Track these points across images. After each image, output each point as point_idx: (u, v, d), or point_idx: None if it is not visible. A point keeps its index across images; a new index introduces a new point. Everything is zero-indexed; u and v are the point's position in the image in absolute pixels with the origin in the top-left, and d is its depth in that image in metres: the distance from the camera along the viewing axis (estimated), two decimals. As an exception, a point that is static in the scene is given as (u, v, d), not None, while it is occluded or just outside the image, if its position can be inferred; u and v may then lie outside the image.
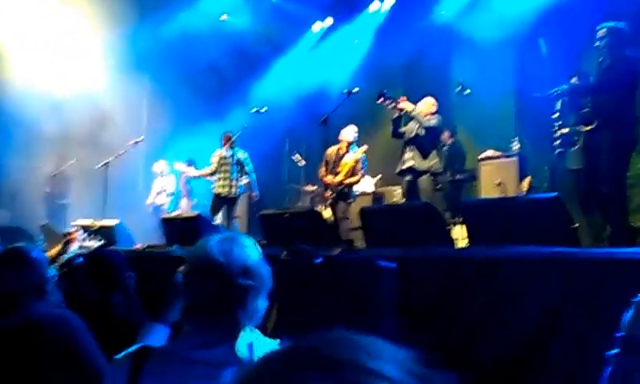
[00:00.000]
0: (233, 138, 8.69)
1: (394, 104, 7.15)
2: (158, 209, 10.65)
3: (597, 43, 5.43)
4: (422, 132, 7.09)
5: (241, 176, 8.86)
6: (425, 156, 7.12)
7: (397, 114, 7.23)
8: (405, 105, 7.14)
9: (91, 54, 10.94)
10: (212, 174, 8.96)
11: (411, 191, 7.15)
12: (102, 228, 6.83)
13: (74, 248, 4.99)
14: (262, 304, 1.77)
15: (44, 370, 2.34)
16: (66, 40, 10.80)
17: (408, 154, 7.19)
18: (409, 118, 7.22)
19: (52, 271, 2.84)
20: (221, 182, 8.78)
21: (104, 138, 10.34)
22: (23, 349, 2.35)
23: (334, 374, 0.54)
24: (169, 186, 10.82)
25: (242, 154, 8.84)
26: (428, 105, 7.32)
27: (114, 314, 3.04)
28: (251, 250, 1.78)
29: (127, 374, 1.66)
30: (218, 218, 8.69)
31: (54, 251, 4.70)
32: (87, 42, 10.89)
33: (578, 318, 2.96)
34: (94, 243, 5.97)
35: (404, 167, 7.21)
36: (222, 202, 8.80)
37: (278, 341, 1.78)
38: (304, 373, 0.54)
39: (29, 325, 2.41)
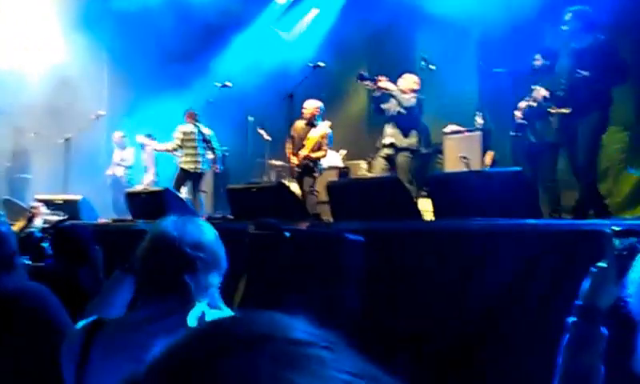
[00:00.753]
0: (196, 114, 8.63)
1: (373, 84, 7.16)
2: (116, 181, 10.43)
3: (564, 27, 5.54)
4: (403, 111, 7.13)
5: (206, 152, 8.82)
6: (405, 134, 7.17)
7: (378, 93, 7.24)
8: (384, 84, 7.16)
9: (47, 25, 10.67)
10: (174, 149, 8.91)
11: (388, 165, 7.20)
12: (65, 202, 6.75)
13: (38, 222, 4.93)
14: (214, 279, 1.81)
15: (18, 343, 2.35)
16: (18, 9, 10.50)
17: (389, 131, 7.24)
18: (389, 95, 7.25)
19: None
20: (185, 158, 8.75)
21: (64, 110, 10.13)
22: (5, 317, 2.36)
23: (256, 348, 0.52)
24: (128, 159, 10.61)
25: (207, 131, 8.79)
26: (410, 82, 7.35)
27: (82, 288, 3.03)
28: (206, 229, 1.83)
29: (80, 345, 1.71)
30: (183, 193, 8.64)
31: (17, 226, 4.63)
32: (40, 11, 10.60)
33: (540, 288, 3.06)
34: (58, 218, 5.89)
35: (385, 142, 7.26)
36: (187, 176, 8.78)
37: (227, 312, 1.83)
38: (227, 352, 0.52)
39: (1, 298, 2.40)
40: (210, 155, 8.92)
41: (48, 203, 6.66)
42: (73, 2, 10.56)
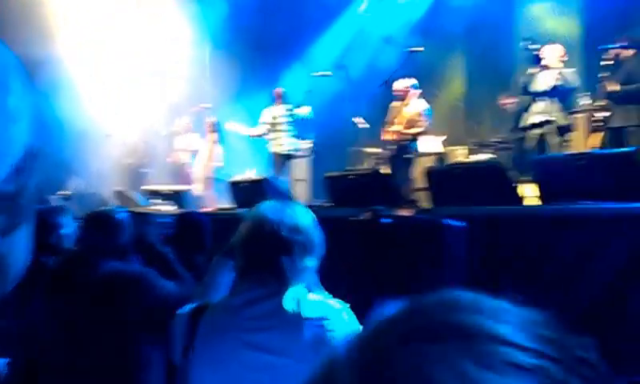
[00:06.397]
0: (283, 93, 8.69)
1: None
2: (181, 167, 10.36)
3: None
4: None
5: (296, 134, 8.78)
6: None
7: None
8: None
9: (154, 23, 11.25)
10: (261, 135, 8.98)
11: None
12: (173, 192, 7.08)
13: None
14: (310, 263, 1.84)
15: (121, 320, 2.56)
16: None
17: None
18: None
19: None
20: (274, 141, 8.84)
21: (170, 103, 10.61)
22: (103, 300, 2.58)
23: (468, 345, 0.44)
24: (193, 144, 10.59)
25: (297, 110, 8.78)
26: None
27: (198, 273, 3.16)
28: (303, 214, 1.86)
29: (185, 329, 1.81)
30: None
31: None
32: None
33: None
34: (166, 207, 6.20)
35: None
36: (279, 159, 8.85)
37: (326, 297, 1.84)
38: (437, 343, 0.45)
39: (106, 280, 2.61)
40: (304, 144, 8.95)
41: (157, 194, 7.03)
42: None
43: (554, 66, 6.87)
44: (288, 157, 8.84)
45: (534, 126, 6.94)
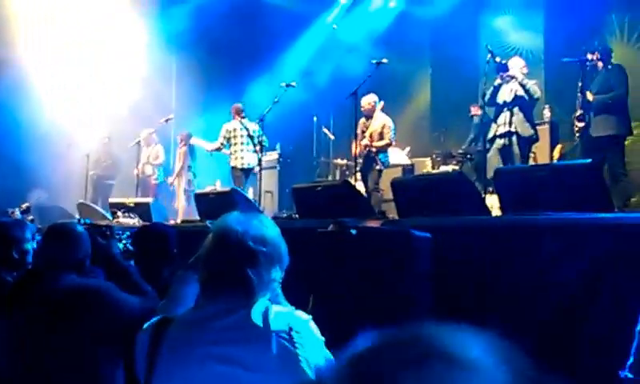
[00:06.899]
0: (242, 109, 8.71)
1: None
2: (144, 180, 10.32)
3: None
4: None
5: (254, 147, 8.60)
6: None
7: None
8: None
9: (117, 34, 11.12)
10: (219, 148, 8.97)
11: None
12: (137, 205, 6.96)
13: None
14: (276, 274, 1.82)
15: (78, 335, 2.51)
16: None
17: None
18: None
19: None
20: (233, 155, 8.83)
21: (137, 114, 10.48)
22: (63, 315, 2.53)
23: (426, 366, 0.50)
24: (158, 157, 10.53)
25: (252, 126, 8.62)
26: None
27: (164, 286, 3.10)
28: (268, 225, 1.85)
29: (148, 344, 1.77)
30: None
31: None
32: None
33: (617, 283, 2.95)
34: (130, 220, 6.10)
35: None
36: (238, 173, 8.83)
37: (293, 309, 1.83)
38: (402, 366, 0.50)
39: (67, 294, 2.56)
40: (269, 156, 8.91)
41: (121, 206, 6.92)
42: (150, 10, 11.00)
43: (516, 78, 7.00)
44: (247, 171, 8.81)
45: (498, 137, 7.05)
